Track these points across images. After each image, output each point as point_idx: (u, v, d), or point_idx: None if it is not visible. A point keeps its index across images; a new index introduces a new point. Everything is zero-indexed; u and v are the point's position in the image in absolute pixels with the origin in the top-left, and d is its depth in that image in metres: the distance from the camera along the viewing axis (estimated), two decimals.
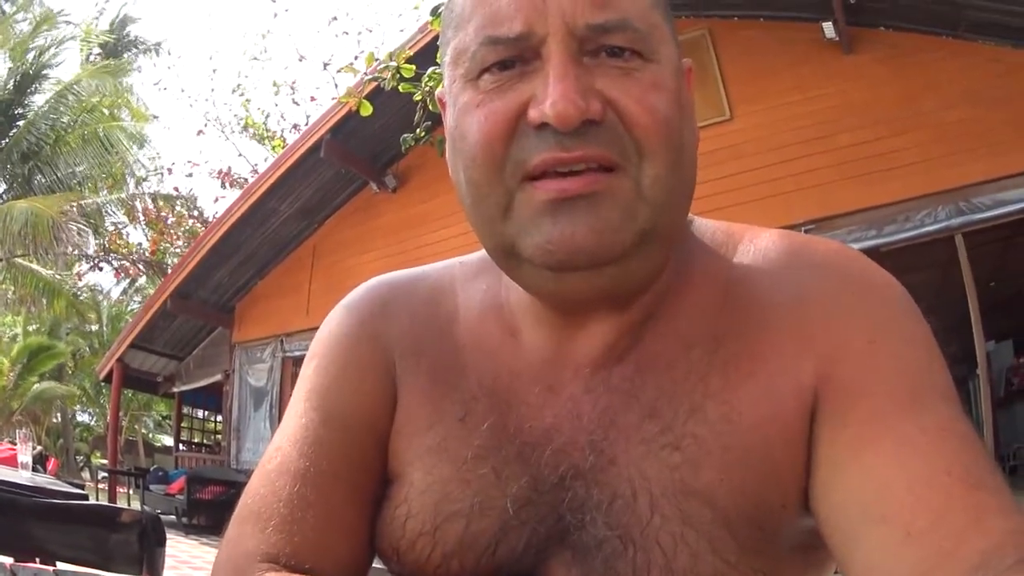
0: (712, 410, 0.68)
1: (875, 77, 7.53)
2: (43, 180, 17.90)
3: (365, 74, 4.52)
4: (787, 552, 0.67)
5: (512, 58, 0.66)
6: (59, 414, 28.10)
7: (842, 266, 0.72)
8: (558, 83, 0.63)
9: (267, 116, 23.38)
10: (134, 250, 21.99)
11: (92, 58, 23.21)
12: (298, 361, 11.71)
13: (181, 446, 16.30)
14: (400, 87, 4.15)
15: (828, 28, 7.49)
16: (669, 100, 0.67)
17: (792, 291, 0.71)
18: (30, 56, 18.36)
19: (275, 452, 0.77)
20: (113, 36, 25.53)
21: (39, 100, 18.30)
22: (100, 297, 26.00)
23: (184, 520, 11.65)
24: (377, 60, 4.28)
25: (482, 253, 0.84)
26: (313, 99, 26.41)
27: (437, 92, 0.82)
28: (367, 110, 4.30)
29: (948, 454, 0.59)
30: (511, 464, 0.72)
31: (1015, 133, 6.60)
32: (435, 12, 3.85)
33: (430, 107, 3.97)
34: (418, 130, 4.28)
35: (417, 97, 4.08)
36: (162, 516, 5.82)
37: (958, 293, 7.06)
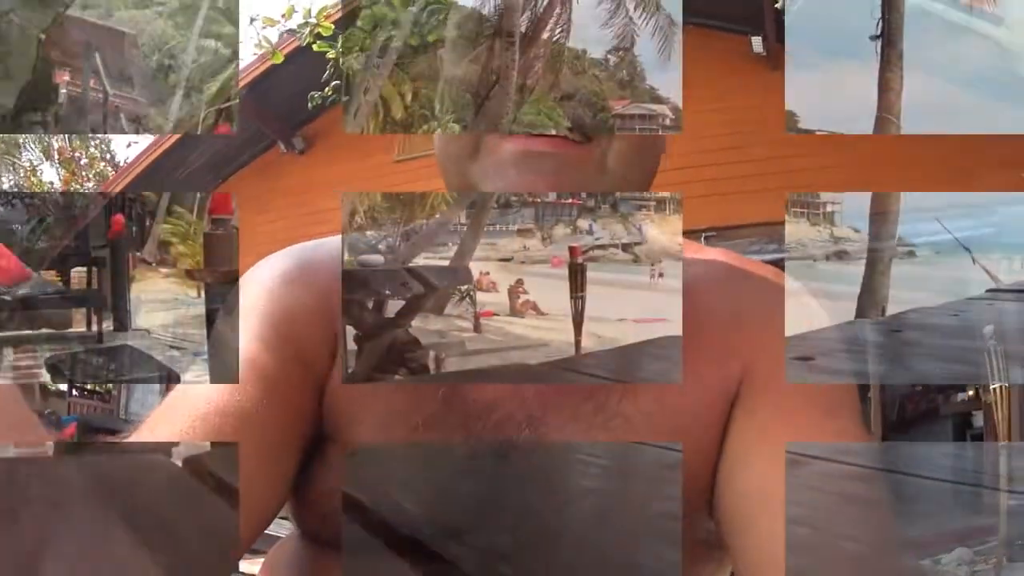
0: (643, 394, 0.72)
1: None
2: None
3: (284, 27, 4.66)
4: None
5: None
6: None
7: (771, 280, 0.81)
8: None
9: None
10: (46, 189, 21.42)
11: None
12: None
13: None
14: (315, 45, 4.17)
15: (756, 43, 7.61)
16: None
17: (729, 300, 0.78)
18: None
19: None
20: None
21: None
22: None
23: None
24: (296, 12, 4.29)
25: None
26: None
27: None
28: (279, 58, 4.36)
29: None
30: (455, 432, 0.73)
31: None
32: None
33: (342, 67, 3.95)
34: (326, 89, 4.21)
35: (331, 55, 4.04)
36: None
37: None
